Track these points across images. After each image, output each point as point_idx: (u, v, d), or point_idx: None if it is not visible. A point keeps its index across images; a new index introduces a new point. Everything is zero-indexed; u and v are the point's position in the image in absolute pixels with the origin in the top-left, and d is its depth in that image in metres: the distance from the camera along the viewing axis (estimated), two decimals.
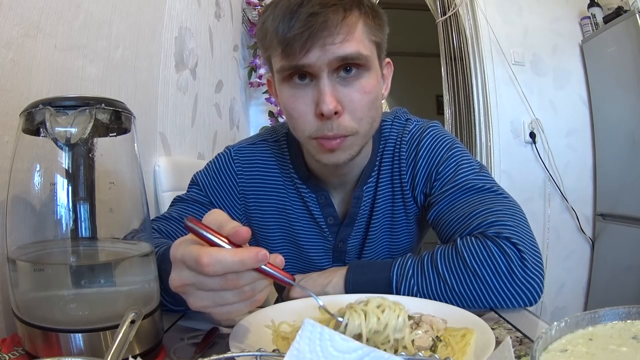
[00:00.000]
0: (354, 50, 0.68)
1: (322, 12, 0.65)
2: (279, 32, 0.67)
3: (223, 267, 0.44)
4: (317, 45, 0.66)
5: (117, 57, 1.04)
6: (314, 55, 0.66)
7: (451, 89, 2.66)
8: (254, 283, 0.47)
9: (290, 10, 0.66)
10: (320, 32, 0.65)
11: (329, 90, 0.68)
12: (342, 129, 0.71)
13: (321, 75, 0.68)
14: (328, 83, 0.68)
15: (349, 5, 0.68)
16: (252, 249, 0.46)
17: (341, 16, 0.66)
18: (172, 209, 0.85)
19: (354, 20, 0.68)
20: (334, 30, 0.66)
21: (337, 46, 0.67)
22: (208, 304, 0.48)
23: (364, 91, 0.71)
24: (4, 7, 0.67)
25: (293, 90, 0.71)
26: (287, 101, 0.73)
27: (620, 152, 2.41)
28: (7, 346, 0.52)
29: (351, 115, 0.71)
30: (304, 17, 0.65)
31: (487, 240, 0.68)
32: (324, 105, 0.68)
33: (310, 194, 0.86)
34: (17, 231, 0.52)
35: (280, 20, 0.67)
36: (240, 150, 0.89)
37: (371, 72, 0.72)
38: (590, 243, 2.61)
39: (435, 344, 0.50)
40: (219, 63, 1.94)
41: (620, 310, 0.34)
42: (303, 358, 0.32)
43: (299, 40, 0.65)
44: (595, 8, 2.54)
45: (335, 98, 0.69)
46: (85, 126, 0.49)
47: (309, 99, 0.70)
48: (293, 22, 0.65)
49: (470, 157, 0.83)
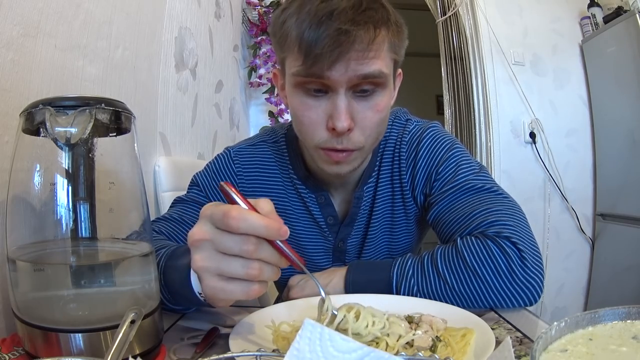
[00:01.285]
0: (376, 69, 0.67)
1: (352, 31, 0.63)
2: (303, 40, 0.65)
3: (248, 226, 0.46)
4: (343, 62, 0.65)
5: (117, 57, 1.04)
6: (337, 72, 0.65)
7: (451, 89, 2.65)
8: (263, 265, 0.48)
9: (318, 19, 0.64)
10: (348, 51, 0.64)
11: (344, 107, 0.68)
12: (350, 144, 0.71)
13: (339, 90, 0.67)
14: (344, 99, 0.68)
15: (379, 22, 0.66)
16: (277, 221, 0.47)
17: (371, 36, 0.65)
18: (172, 210, 0.85)
19: (381, 39, 0.67)
20: (363, 50, 0.65)
21: (362, 65, 0.66)
22: (211, 265, 0.48)
23: (377, 109, 0.71)
24: (4, 7, 0.67)
25: (306, 98, 0.71)
26: (298, 107, 0.72)
27: (620, 152, 2.41)
28: (7, 346, 0.52)
29: (361, 131, 0.71)
30: (333, 33, 0.63)
31: (487, 240, 0.68)
32: (338, 122, 0.67)
33: (309, 194, 0.86)
34: (17, 231, 0.52)
35: (306, 27, 0.64)
36: (239, 151, 0.89)
37: (386, 90, 0.72)
38: (590, 243, 2.61)
39: (435, 344, 0.50)
40: (219, 63, 1.94)
41: (620, 310, 0.34)
42: (303, 358, 0.32)
43: (326, 58, 0.64)
44: (595, 8, 2.54)
45: (349, 115, 0.68)
46: (85, 126, 0.49)
47: (322, 110, 0.70)
48: (322, 35, 0.63)
49: (470, 157, 0.83)
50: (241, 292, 0.49)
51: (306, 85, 0.69)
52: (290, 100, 0.74)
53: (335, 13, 0.63)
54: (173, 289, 0.59)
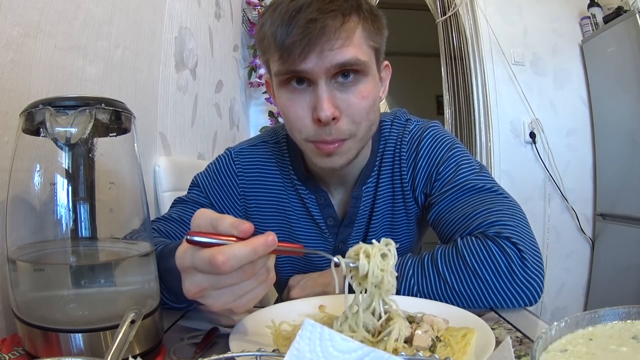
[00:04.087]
0: (351, 56, 0.68)
1: (320, 19, 0.65)
2: (277, 37, 0.67)
3: (238, 261, 0.45)
4: (315, 52, 0.66)
5: (117, 57, 1.04)
6: (311, 61, 0.66)
7: (451, 89, 2.65)
8: (266, 264, 0.49)
9: (289, 15, 0.66)
10: (318, 39, 0.65)
11: (326, 96, 0.68)
12: (339, 133, 0.71)
13: (319, 81, 0.68)
14: (326, 89, 0.68)
15: (348, 10, 0.67)
16: (260, 237, 0.46)
17: (339, 22, 0.66)
18: (172, 210, 0.85)
19: (352, 26, 0.68)
20: (332, 37, 0.66)
21: (334, 52, 0.66)
22: (228, 299, 0.48)
23: (361, 96, 0.71)
24: (4, 7, 0.67)
25: (290, 94, 0.72)
26: (285, 105, 0.73)
27: (620, 152, 2.41)
28: (7, 346, 0.52)
29: (349, 119, 0.71)
30: (302, 23, 0.65)
31: (488, 240, 0.68)
32: (321, 111, 0.68)
33: (309, 195, 0.86)
34: (17, 231, 0.52)
35: (278, 25, 0.67)
36: (240, 152, 0.89)
37: (369, 77, 0.72)
38: (590, 243, 2.61)
39: (435, 344, 0.50)
40: (219, 63, 1.94)
41: (620, 310, 0.34)
42: (303, 358, 0.32)
43: (297, 47, 0.65)
44: (595, 8, 2.54)
45: (332, 104, 0.69)
46: (85, 126, 0.49)
47: (307, 103, 0.70)
48: (291, 28, 0.65)
49: (470, 157, 0.83)
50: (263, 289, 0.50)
51: (289, 82, 0.71)
52: (278, 101, 0.75)
53: (304, 7, 0.65)
54: (174, 290, 0.59)
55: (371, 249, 0.53)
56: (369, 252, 0.53)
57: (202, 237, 0.46)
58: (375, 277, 0.52)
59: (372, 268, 0.52)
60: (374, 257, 0.52)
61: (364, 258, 0.52)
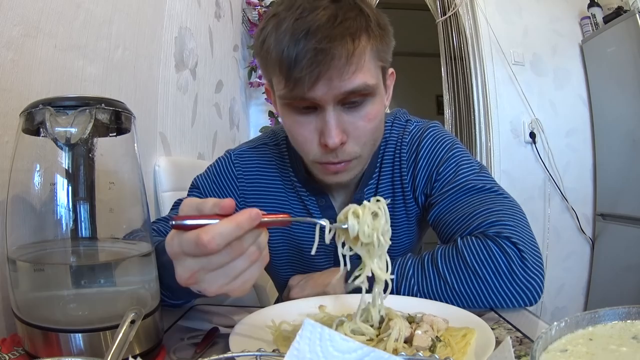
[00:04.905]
0: (361, 83, 0.66)
1: (329, 48, 0.62)
2: (283, 63, 0.64)
3: (224, 238, 0.44)
4: (324, 80, 0.64)
5: (117, 57, 1.04)
6: (320, 90, 0.65)
7: (451, 89, 2.65)
8: (256, 241, 0.48)
9: (295, 38, 0.62)
10: (327, 69, 0.63)
11: (334, 123, 0.67)
12: (346, 155, 0.71)
13: (326, 107, 0.67)
14: (333, 115, 0.67)
15: (357, 32, 0.64)
16: (244, 212, 0.46)
17: (350, 49, 0.63)
18: (173, 212, 0.86)
19: (361, 50, 0.65)
20: (342, 65, 0.63)
21: (344, 82, 0.65)
22: (223, 281, 0.47)
23: (368, 119, 0.70)
24: (4, 7, 0.67)
25: (296, 116, 0.70)
26: (291, 126, 0.72)
27: (620, 152, 2.41)
28: (7, 346, 0.52)
29: (355, 142, 0.71)
30: (310, 53, 0.62)
31: (488, 240, 0.68)
32: (329, 139, 0.67)
33: (310, 197, 0.86)
34: (17, 231, 0.52)
35: (284, 47, 0.63)
36: (240, 154, 0.89)
37: (376, 98, 0.71)
38: (590, 243, 2.61)
39: (435, 344, 0.50)
40: (219, 63, 1.94)
41: (620, 310, 0.34)
42: (303, 358, 0.32)
43: (306, 79, 0.63)
44: (595, 8, 2.54)
45: (340, 130, 0.68)
46: (85, 126, 0.49)
47: (313, 127, 0.70)
48: (299, 56, 0.62)
49: (470, 157, 0.83)
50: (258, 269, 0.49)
51: (294, 104, 0.69)
52: (283, 119, 0.75)
53: (312, 30, 0.62)
54: (171, 286, 0.59)
55: (360, 209, 0.52)
56: (358, 213, 0.52)
57: (187, 220, 0.46)
58: (367, 236, 0.51)
59: (361, 227, 0.51)
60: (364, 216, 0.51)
61: (352, 218, 0.51)
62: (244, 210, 0.46)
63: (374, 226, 0.51)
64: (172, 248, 0.47)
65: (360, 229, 0.51)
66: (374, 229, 0.51)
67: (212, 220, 0.45)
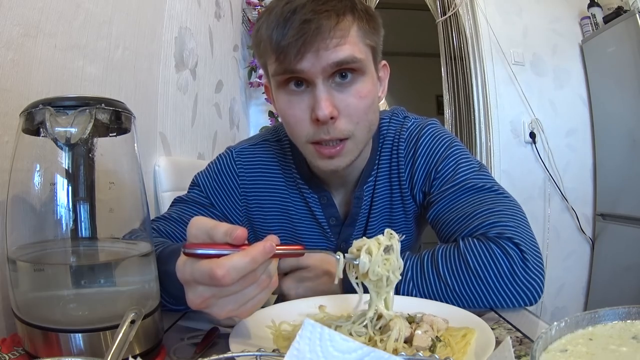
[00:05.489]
0: (348, 54, 0.68)
1: (314, 19, 0.65)
2: (273, 39, 0.67)
3: (238, 272, 0.45)
4: (311, 52, 0.66)
5: (117, 57, 1.04)
6: (308, 61, 0.67)
7: (451, 89, 2.65)
8: (267, 269, 0.49)
9: (284, 17, 0.66)
10: (313, 38, 0.66)
11: (324, 96, 0.68)
12: (338, 133, 0.71)
13: (316, 81, 0.68)
14: (323, 89, 0.69)
15: (342, 10, 0.68)
16: (258, 245, 0.47)
17: (334, 21, 0.66)
18: (172, 209, 0.85)
19: (347, 25, 0.68)
20: (327, 36, 0.66)
21: (330, 52, 0.67)
22: (233, 307, 0.48)
23: (359, 96, 0.71)
24: (4, 7, 0.67)
25: (289, 96, 0.72)
26: (284, 107, 0.73)
27: (620, 152, 2.41)
28: (7, 346, 0.52)
29: (347, 119, 0.71)
30: (297, 24, 0.65)
31: (490, 242, 0.67)
32: (319, 110, 0.68)
33: (312, 195, 0.86)
34: (17, 231, 0.52)
35: (274, 27, 0.67)
36: (241, 151, 0.88)
37: (366, 77, 0.72)
38: (590, 243, 2.61)
39: (435, 344, 0.50)
40: (219, 63, 1.94)
41: (620, 310, 0.34)
42: (303, 358, 0.32)
43: (293, 47, 0.66)
44: (595, 8, 2.54)
45: (330, 103, 0.69)
46: (85, 126, 0.49)
47: (305, 104, 0.71)
48: (286, 30, 0.66)
49: (469, 155, 0.82)
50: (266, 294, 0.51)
51: (287, 84, 0.71)
52: (277, 104, 0.76)
53: (298, 8, 0.66)
54: (174, 294, 0.59)
55: (374, 246, 0.53)
56: (371, 249, 0.53)
57: (199, 249, 0.46)
58: (376, 275, 0.52)
59: (372, 267, 0.52)
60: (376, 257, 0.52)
61: (364, 256, 0.53)
62: (258, 243, 0.47)
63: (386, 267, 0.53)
64: (184, 275, 0.48)
65: (371, 268, 0.53)
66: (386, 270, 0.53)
67: (224, 250, 0.46)
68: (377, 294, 0.54)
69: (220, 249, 0.46)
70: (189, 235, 0.49)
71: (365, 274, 0.53)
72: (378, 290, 0.54)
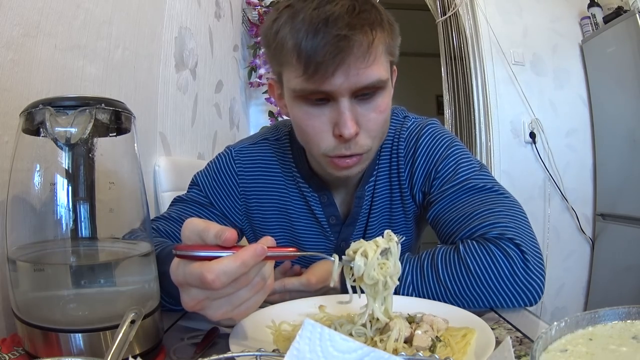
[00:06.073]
0: (376, 78, 0.67)
1: (351, 35, 0.63)
2: (302, 50, 0.64)
3: (228, 277, 0.45)
4: (342, 70, 0.64)
5: (117, 57, 1.04)
6: (337, 80, 0.65)
7: (451, 89, 2.65)
8: (260, 271, 0.49)
9: (315, 27, 0.63)
10: (347, 58, 0.63)
11: (349, 114, 0.68)
12: (358, 148, 0.71)
13: (341, 98, 0.67)
14: (348, 106, 0.68)
15: (374, 24, 0.66)
16: (249, 248, 0.46)
17: (370, 38, 0.64)
18: (171, 209, 0.85)
19: (377, 43, 0.66)
20: (361, 56, 0.64)
21: (361, 73, 0.65)
22: (227, 309, 0.48)
23: (379, 110, 0.71)
24: (4, 7, 0.67)
25: (308, 108, 0.70)
26: (301, 117, 0.72)
27: (620, 152, 2.41)
28: (7, 346, 0.52)
29: (366, 134, 0.71)
30: (332, 39, 0.62)
31: (490, 245, 0.67)
32: (345, 129, 0.67)
33: (312, 194, 0.86)
34: (17, 231, 0.52)
35: (303, 36, 0.63)
36: (241, 151, 0.88)
37: (386, 91, 0.72)
38: (590, 243, 2.61)
39: (435, 344, 0.50)
40: (219, 63, 1.94)
41: (620, 310, 0.34)
42: (303, 358, 0.32)
43: (328, 65, 0.63)
44: (595, 8, 2.54)
45: (355, 121, 0.69)
46: (85, 126, 0.49)
47: (326, 118, 0.70)
48: (318, 42, 0.62)
49: (469, 155, 0.82)
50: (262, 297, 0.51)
51: (307, 96, 0.69)
52: (292, 111, 0.74)
53: (331, 19, 0.62)
54: (174, 294, 0.59)
55: (370, 249, 0.52)
56: (367, 252, 0.52)
57: (188, 251, 0.47)
58: (372, 279, 0.51)
59: (368, 270, 0.51)
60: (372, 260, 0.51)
61: (360, 259, 0.52)
62: (250, 246, 0.47)
63: (383, 272, 0.51)
64: (177, 277, 0.48)
65: (366, 271, 0.51)
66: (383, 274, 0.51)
67: (215, 252, 0.46)
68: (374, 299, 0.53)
69: (211, 251, 0.46)
70: (183, 237, 0.49)
71: (361, 278, 0.52)
72: (374, 294, 0.53)
